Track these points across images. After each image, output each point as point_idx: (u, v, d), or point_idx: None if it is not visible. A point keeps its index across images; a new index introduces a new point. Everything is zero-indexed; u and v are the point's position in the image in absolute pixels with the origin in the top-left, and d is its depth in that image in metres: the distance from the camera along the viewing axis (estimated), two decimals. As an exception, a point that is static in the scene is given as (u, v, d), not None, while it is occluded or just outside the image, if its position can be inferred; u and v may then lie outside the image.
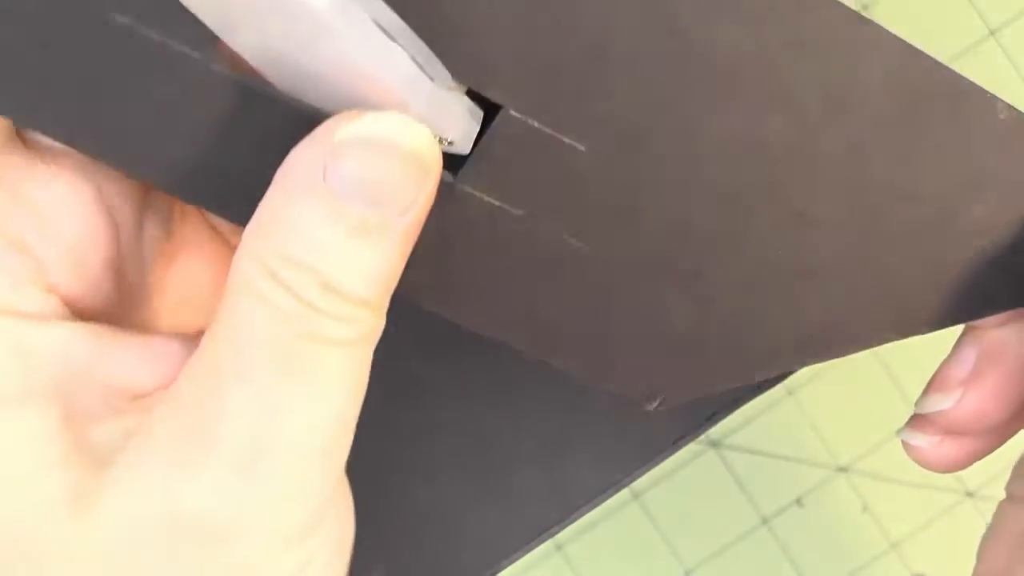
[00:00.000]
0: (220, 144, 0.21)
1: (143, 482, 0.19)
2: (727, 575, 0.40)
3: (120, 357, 0.21)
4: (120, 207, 0.22)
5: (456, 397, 0.28)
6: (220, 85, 0.20)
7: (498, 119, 0.21)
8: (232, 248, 0.22)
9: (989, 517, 0.39)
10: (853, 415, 0.40)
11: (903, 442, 0.26)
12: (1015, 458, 0.36)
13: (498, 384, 0.28)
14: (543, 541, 0.29)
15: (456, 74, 0.21)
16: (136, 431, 0.20)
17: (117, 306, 0.22)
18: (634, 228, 0.23)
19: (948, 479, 0.39)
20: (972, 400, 0.25)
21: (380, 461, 0.28)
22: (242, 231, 0.20)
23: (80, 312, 0.21)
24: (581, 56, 0.21)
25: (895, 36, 0.22)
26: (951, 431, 0.25)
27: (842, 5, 0.22)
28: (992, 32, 0.40)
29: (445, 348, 0.28)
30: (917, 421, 0.25)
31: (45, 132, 0.21)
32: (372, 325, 0.19)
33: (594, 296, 0.23)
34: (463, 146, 0.21)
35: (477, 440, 0.28)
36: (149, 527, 0.19)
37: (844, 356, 0.24)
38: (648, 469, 0.28)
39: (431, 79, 0.21)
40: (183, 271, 0.23)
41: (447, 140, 0.21)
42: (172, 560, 0.19)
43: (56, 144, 0.21)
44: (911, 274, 0.24)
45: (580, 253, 0.23)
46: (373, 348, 0.20)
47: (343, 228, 0.18)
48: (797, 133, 0.22)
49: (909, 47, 0.23)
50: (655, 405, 0.25)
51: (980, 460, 0.25)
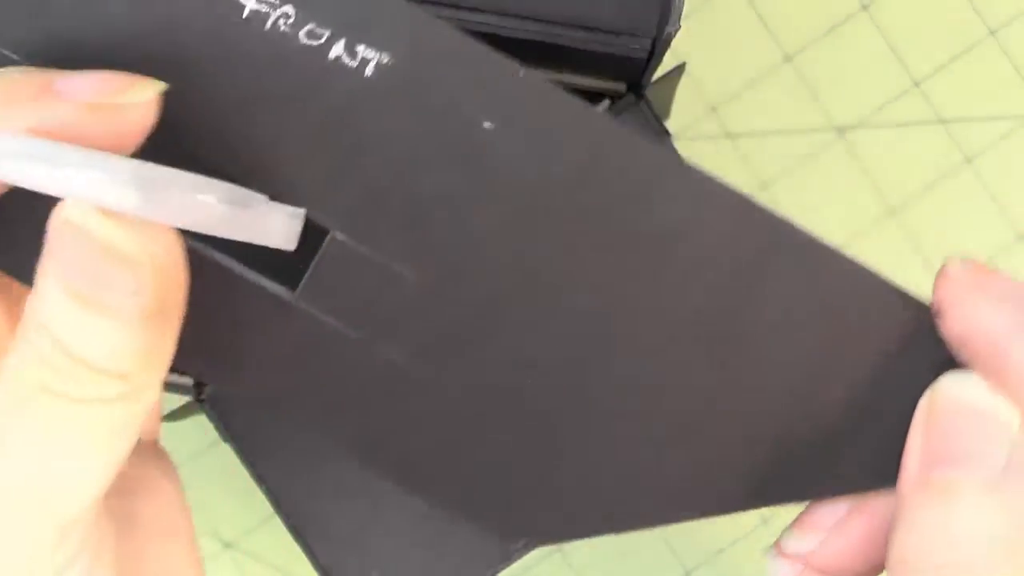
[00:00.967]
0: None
1: None
2: (727, 575, 0.40)
3: None
4: None
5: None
6: None
7: (326, 242, 0.22)
8: None
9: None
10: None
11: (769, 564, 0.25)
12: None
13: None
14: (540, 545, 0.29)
15: (280, 199, 0.21)
16: None
17: None
18: (478, 358, 0.22)
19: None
20: (833, 549, 0.24)
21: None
22: None
23: None
24: (401, 184, 0.21)
25: (728, 188, 0.22)
26: (811, 568, 0.25)
27: (665, 154, 0.22)
28: (992, 32, 0.40)
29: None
30: (780, 551, 0.25)
31: None
32: (122, 391, 0.20)
33: (446, 426, 0.23)
34: (287, 245, 0.21)
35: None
36: None
37: (703, 518, 0.23)
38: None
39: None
40: None
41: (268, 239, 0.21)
42: None
43: None
44: (762, 445, 0.23)
45: (424, 380, 0.22)
46: (138, 411, 0.20)
47: (74, 298, 0.19)
48: (637, 286, 0.22)
49: (742, 200, 0.23)
50: (520, 545, 0.25)
51: None
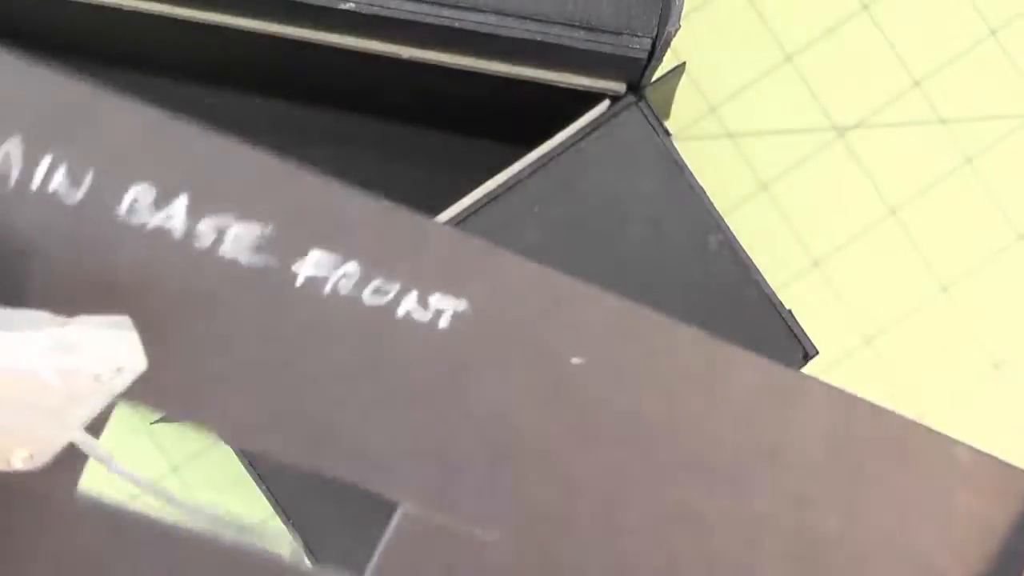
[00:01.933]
0: None
1: None
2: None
3: None
4: None
5: None
6: None
7: (396, 517, 0.20)
8: None
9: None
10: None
11: None
12: (1017, 458, 0.36)
13: None
14: None
15: (345, 475, 0.19)
16: None
17: None
18: None
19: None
20: None
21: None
22: None
23: None
24: (483, 440, 0.19)
25: (827, 387, 0.21)
26: None
27: (774, 367, 0.20)
28: (993, 32, 0.40)
29: None
30: None
31: None
32: None
33: None
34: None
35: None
36: None
37: None
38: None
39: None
40: None
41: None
42: None
43: None
44: None
45: None
46: None
47: None
48: (731, 497, 0.20)
49: (844, 396, 0.21)
50: None
51: None
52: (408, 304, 0.18)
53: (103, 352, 0.17)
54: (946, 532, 0.21)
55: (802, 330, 0.30)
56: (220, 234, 0.18)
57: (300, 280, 0.18)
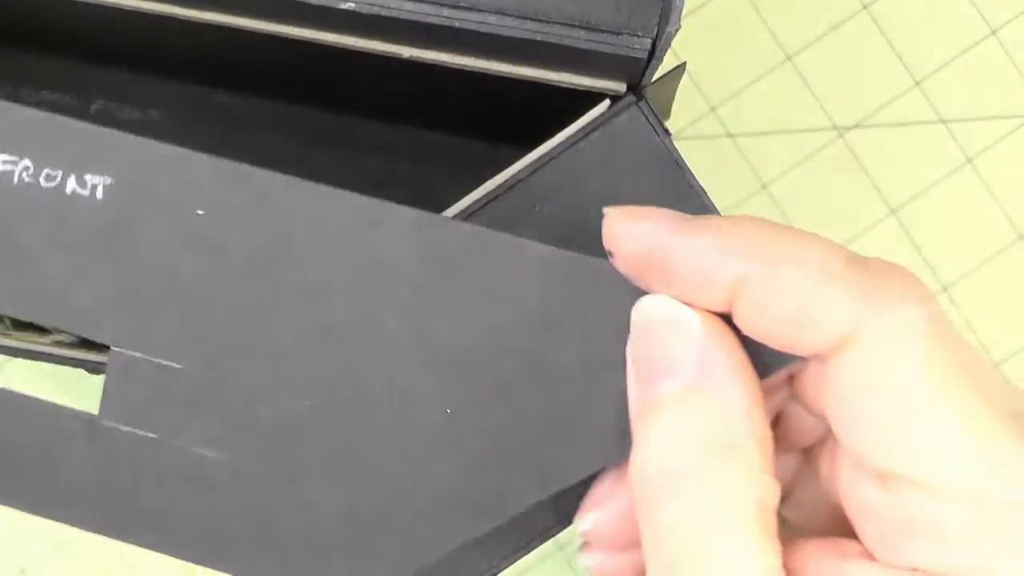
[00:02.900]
0: None
1: None
2: None
3: None
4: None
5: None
6: None
7: (108, 357, 0.25)
8: None
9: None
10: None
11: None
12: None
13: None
14: (543, 541, 0.29)
15: (61, 325, 0.25)
16: None
17: None
18: (255, 432, 0.25)
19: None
20: (603, 521, 0.25)
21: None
22: None
23: None
24: (155, 282, 0.25)
25: (405, 208, 0.25)
26: (605, 549, 0.26)
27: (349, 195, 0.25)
28: (993, 32, 0.40)
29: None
30: (584, 542, 0.26)
31: None
32: None
33: (253, 502, 0.25)
34: None
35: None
36: None
37: (505, 519, 0.25)
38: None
39: None
40: None
41: None
42: None
43: None
44: (517, 433, 0.25)
45: (223, 463, 0.25)
46: None
47: None
48: (353, 317, 0.25)
49: (422, 215, 0.25)
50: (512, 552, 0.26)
51: None
52: (72, 184, 0.25)
53: None
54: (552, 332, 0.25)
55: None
56: None
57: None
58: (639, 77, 0.28)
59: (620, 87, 0.29)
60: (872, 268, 0.23)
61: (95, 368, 0.32)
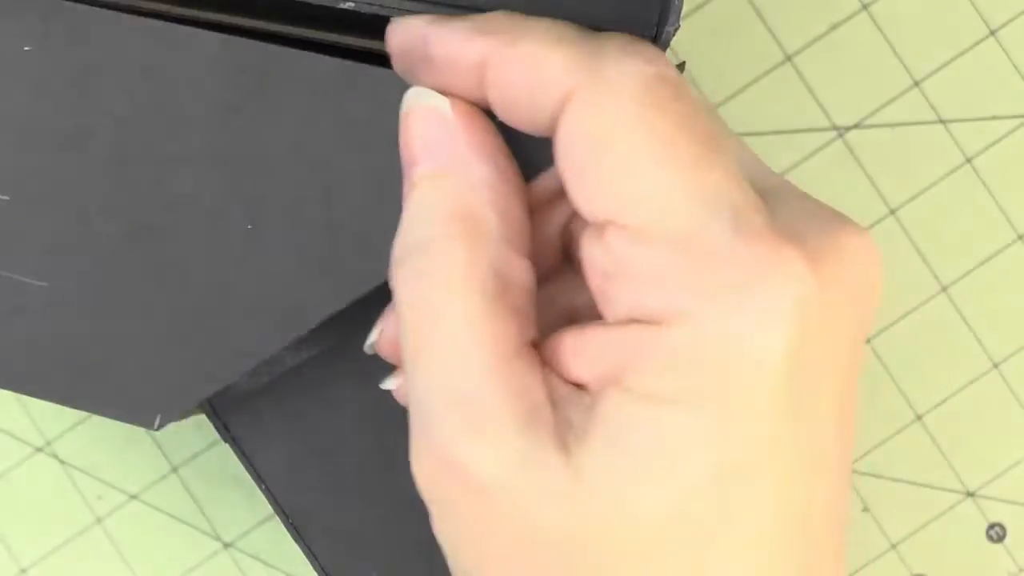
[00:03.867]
0: None
1: None
2: None
3: None
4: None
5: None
6: None
7: None
8: None
9: (989, 517, 0.39)
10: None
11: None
12: (1016, 458, 0.36)
13: None
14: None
15: None
16: None
17: None
18: (72, 257, 0.27)
19: (948, 479, 0.39)
20: (388, 331, 0.27)
21: (375, 462, 0.28)
22: None
23: None
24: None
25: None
26: (398, 362, 0.27)
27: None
28: (993, 32, 0.40)
29: None
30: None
31: None
32: None
33: (70, 328, 0.27)
34: None
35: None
36: None
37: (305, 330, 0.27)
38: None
39: None
40: None
41: None
42: None
43: None
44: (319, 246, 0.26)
45: (42, 289, 0.27)
46: None
47: None
48: (161, 141, 0.26)
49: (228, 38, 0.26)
50: (156, 424, 0.27)
51: None
52: None
53: None
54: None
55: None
56: None
57: None
58: (638, 76, 0.28)
59: (620, 87, 0.29)
60: (602, 35, 0.25)
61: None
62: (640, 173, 0.23)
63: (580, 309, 0.26)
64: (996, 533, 0.38)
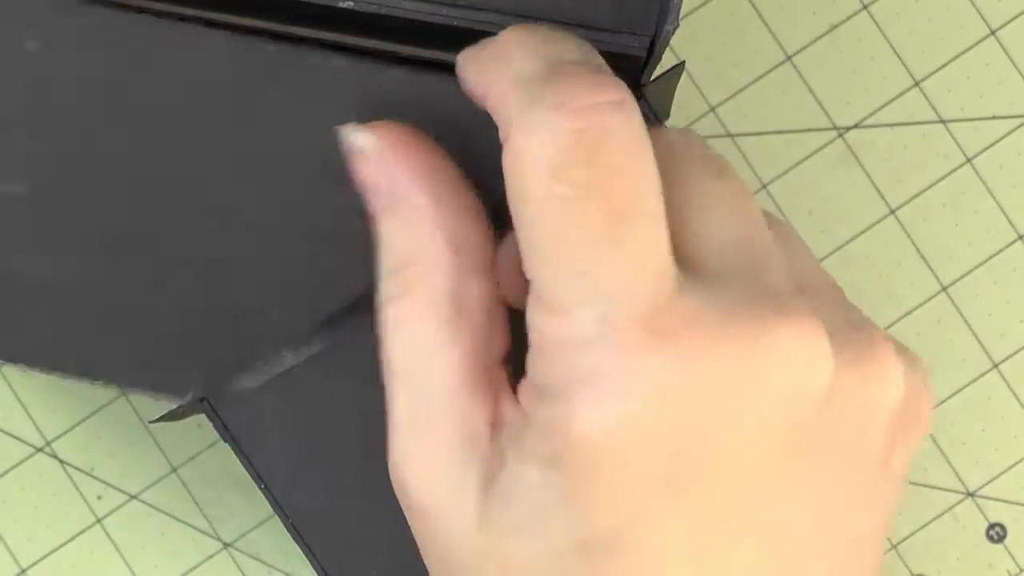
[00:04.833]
0: None
1: None
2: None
3: None
4: None
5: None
6: None
7: None
8: None
9: (990, 517, 0.39)
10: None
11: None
12: (1016, 458, 0.36)
13: None
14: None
15: None
16: None
17: None
18: (89, 247, 0.27)
19: (948, 479, 0.39)
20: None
21: (375, 462, 0.28)
22: None
23: None
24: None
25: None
26: None
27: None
28: (993, 32, 0.40)
29: None
30: None
31: None
32: None
33: (90, 310, 0.28)
34: None
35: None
36: None
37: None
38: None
39: None
40: None
41: None
42: None
43: None
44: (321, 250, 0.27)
45: (61, 276, 0.28)
46: None
47: None
48: (178, 138, 0.27)
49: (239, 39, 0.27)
50: (186, 401, 0.28)
51: None
52: None
53: None
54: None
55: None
56: None
57: None
58: (637, 76, 0.28)
59: (619, 86, 0.29)
60: (562, 66, 0.24)
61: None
62: (532, 251, 0.23)
63: None
64: (996, 533, 0.38)
